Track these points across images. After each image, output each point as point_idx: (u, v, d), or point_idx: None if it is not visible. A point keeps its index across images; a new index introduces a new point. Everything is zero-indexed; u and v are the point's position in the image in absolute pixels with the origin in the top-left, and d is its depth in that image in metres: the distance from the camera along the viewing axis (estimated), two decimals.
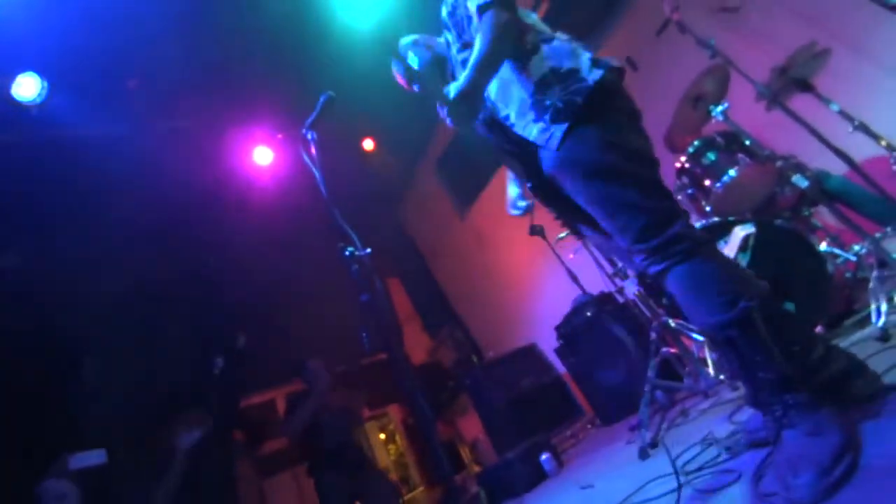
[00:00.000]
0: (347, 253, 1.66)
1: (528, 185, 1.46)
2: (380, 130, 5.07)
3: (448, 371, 5.40)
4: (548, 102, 1.23)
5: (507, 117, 1.36)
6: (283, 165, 4.18)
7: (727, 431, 1.33)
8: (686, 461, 1.33)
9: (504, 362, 4.11)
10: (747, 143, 2.34)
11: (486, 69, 1.28)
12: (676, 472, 1.28)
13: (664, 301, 2.52)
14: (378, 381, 5.31)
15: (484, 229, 5.56)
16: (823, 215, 2.50)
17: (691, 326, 1.99)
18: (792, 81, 2.38)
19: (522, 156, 1.38)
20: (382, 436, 5.74)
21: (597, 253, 2.48)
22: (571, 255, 3.23)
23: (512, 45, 1.33)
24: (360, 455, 3.23)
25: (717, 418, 1.58)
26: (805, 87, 2.41)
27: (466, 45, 1.45)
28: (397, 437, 5.82)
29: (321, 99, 1.79)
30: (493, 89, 1.39)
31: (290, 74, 3.90)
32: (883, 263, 1.84)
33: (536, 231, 3.18)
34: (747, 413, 1.18)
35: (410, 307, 6.54)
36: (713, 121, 2.36)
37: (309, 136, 1.88)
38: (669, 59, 3.04)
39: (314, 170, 1.75)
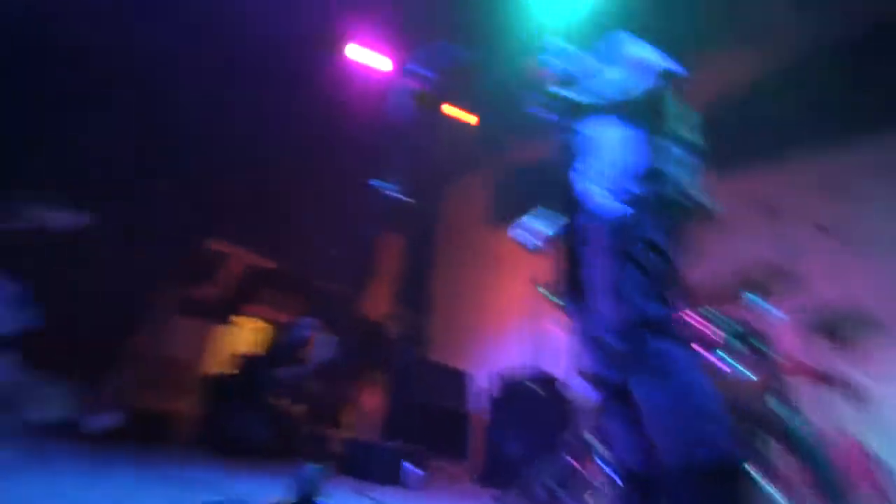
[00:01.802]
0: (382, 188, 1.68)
1: (559, 230, 1.48)
2: (483, 111, 5.04)
3: (387, 345, 5.40)
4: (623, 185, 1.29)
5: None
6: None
7: None
8: None
9: (438, 371, 4.14)
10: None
11: None
12: None
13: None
14: (319, 305, 5.34)
15: (502, 253, 5.54)
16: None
17: (604, 455, 1.99)
18: None
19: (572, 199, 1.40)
20: None
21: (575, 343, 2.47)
22: (555, 327, 3.22)
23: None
24: None
25: None
26: None
27: None
28: None
29: (465, 55, 1.74)
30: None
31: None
32: None
33: (547, 286, 3.16)
34: None
35: (396, 269, 6.54)
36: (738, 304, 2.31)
37: (423, 74, 1.88)
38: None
39: (403, 99, 1.74)
